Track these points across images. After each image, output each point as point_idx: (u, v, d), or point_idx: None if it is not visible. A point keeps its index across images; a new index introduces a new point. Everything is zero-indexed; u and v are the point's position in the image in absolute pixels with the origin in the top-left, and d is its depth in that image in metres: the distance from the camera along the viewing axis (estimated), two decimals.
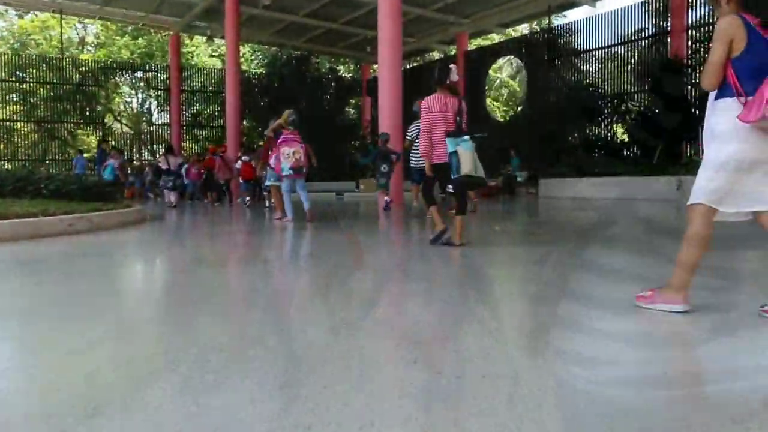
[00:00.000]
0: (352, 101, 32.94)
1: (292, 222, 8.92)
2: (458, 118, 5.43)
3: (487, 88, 27.93)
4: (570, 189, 16.70)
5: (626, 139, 17.82)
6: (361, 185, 21.52)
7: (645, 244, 6.30)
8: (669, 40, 18.20)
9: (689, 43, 17.70)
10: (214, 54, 36.05)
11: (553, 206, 14.06)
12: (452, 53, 28.97)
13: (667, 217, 10.29)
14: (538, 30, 25.83)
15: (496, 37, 28.99)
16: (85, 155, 21.72)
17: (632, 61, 19.76)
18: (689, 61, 17.06)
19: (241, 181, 15.10)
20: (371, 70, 33.25)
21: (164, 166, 15.27)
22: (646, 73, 18.36)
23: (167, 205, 15.05)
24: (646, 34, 19.33)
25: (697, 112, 15.88)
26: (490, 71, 29.21)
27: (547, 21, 23.46)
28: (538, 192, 18.74)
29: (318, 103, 31.00)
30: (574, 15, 30.65)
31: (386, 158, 11.30)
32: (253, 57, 34.55)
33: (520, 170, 19.72)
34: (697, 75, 16.68)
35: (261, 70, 32.39)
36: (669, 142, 16.41)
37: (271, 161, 9.35)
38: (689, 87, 16.48)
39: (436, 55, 31.94)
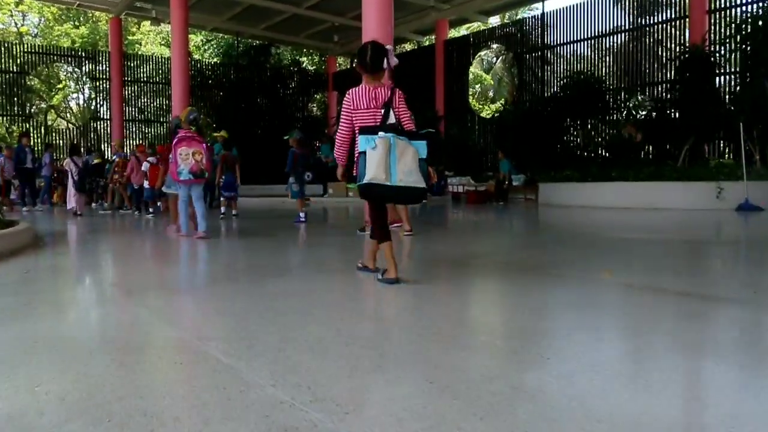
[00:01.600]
0: (317, 96, 30.13)
1: (187, 237, 7.56)
2: (385, 110, 4.04)
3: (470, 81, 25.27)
4: (577, 195, 14.22)
5: (638, 138, 15.43)
6: (330, 189, 18.70)
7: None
8: (688, 24, 15.90)
9: (712, 28, 15.43)
10: (164, 44, 32.73)
11: (558, 216, 11.59)
12: (426, 43, 26.41)
13: (747, 237, 7.80)
14: (529, 16, 23.33)
15: (477, 26, 26.51)
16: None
17: (644, 48, 17.37)
18: (713, 48, 14.75)
19: (146, 186, 12.35)
20: (338, 63, 30.47)
21: (72, 169, 13.40)
22: (660, 62, 16.04)
23: (72, 212, 13.19)
24: (663, 18, 16.99)
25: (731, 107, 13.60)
26: (474, 62, 26.57)
27: (541, 4, 20.94)
28: (538, 198, 16.26)
29: (278, 97, 28.26)
30: None
31: (306, 164, 9.77)
32: (206, 46, 31.34)
33: (515, 173, 17.16)
34: (725, 63, 14.42)
35: (216, 59, 29.27)
36: (694, 141, 14.10)
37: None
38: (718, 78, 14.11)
39: (408, 47, 29.29)
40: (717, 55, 14.31)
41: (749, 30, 12.75)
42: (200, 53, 30.58)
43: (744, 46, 12.94)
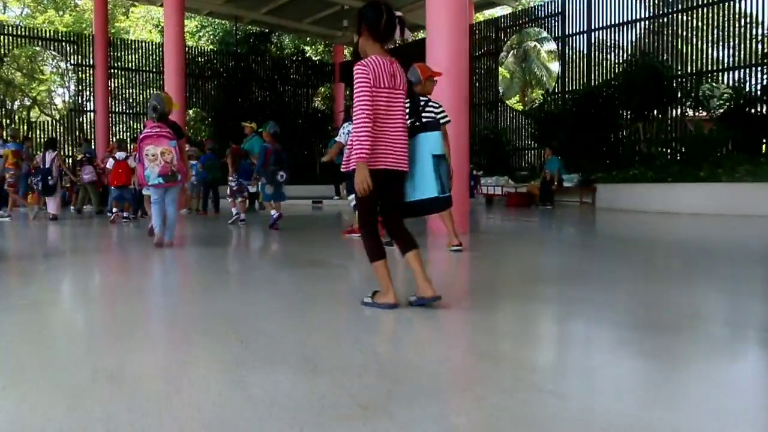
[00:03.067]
0: (322, 89, 27.69)
1: (161, 241, 6.51)
2: (411, 98, 3.78)
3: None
4: (648, 199, 11.90)
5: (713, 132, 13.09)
6: (343, 191, 16.29)
7: None
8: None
9: None
10: (155, 30, 30.17)
11: (634, 225, 9.27)
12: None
13: None
14: None
15: (499, 11, 24.14)
16: None
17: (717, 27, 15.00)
18: None
19: (112, 187, 10.79)
20: (345, 53, 28.04)
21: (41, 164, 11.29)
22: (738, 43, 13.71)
23: (49, 216, 11.25)
24: None
25: None
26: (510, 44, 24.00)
27: None
28: (595, 202, 13.91)
29: (279, 89, 25.86)
30: None
31: (280, 162, 8.38)
32: (201, 32, 28.78)
33: (567, 172, 14.78)
34: None
35: (212, 47, 26.75)
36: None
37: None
38: None
39: (422, 34, 26.88)
40: None
41: None
42: (194, 40, 28.02)
43: None
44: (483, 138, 18.78)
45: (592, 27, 17.40)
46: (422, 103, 5.62)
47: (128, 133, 22.61)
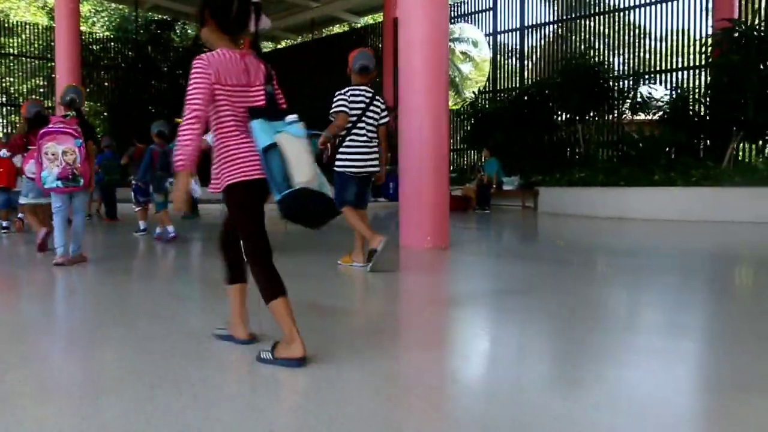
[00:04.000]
0: None
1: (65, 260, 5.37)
2: (269, 91, 2.67)
3: None
4: (597, 203, 11.26)
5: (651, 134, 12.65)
6: None
7: None
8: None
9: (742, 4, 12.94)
10: (42, 13, 27.15)
11: (584, 232, 8.59)
12: (365, 24, 22.86)
13: None
14: None
15: None
16: None
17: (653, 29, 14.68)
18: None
19: None
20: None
21: None
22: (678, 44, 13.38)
23: None
24: None
25: None
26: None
27: None
28: (537, 206, 13.17)
29: (182, 82, 23.74)
30: None
31: (167, 165, 7.07)
32: (96, 17, 26.13)
33: (506, 175, 13.97)
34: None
35: (107, 33, 24.25)
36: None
37: (27, 166, 6.69)
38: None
39: (337, 29, 25.61)
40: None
41: None
42: (88, 25, 25.36)
43: None
44: None
45: (526, 24, 16.78)
46: (368, 98, 4.95)
47: (8, 128, 19.93)
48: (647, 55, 15.04)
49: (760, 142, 12.11)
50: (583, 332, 3.00)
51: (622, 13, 15.47)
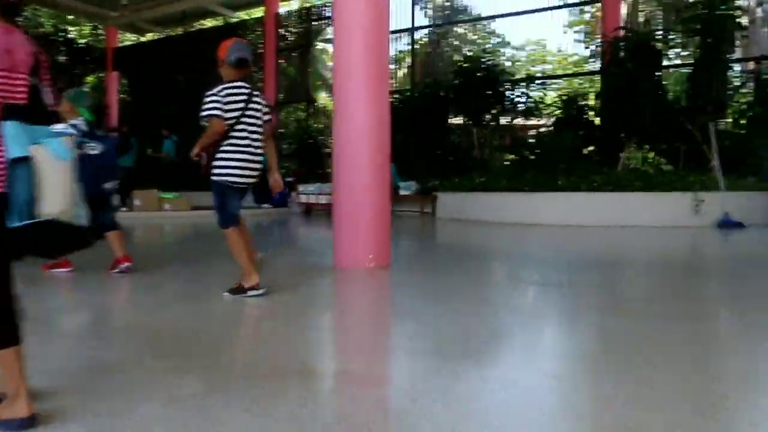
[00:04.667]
0: (91, 78, 23.45)
1: None
2: (34, 80, 2.11)
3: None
4: (501, 209, 11.04)
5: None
6: (137, 200, 13.12)
7: None
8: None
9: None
10: None
11: (487, 239, 8.23)
12: (243, 19, 21.54)
13: None
14: None
15: None
16: None
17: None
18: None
19: None
20: (119, 37, 24.05)
21: None
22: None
23: None
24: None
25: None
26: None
27: None
28: (436, 212, 12.74)
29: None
30: None
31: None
32: None
33: (402, 179, 13.42)
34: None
35: None
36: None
37: None
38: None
39: (209, 23, 24.01)
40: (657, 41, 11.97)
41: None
42: None
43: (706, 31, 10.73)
44: (298, 140, 16.85)
45: (415, 25, 16.43)
46: (246, 94, 4.12)
47: None
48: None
49: (648, 148, 12.44)
50: None
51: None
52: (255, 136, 4.11)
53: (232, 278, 4.26)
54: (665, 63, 12.17)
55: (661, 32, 12.22)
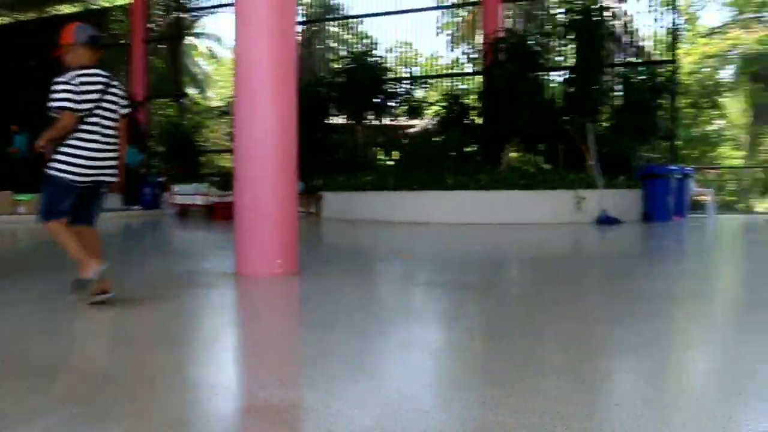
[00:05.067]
0: None
1: None
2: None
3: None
4: (387, 208, 10.91)
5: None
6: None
7: None
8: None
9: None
10: None
11: (381, 238, 8.13)
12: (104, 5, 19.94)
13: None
14: None
15: None
16: None
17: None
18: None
19: None
20: None
21: None
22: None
23: None
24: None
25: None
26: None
27: None
28: (321, 212, 12.37)
29: None
30: None
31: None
32: None
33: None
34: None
35: None
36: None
37: None
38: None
39: (66, 8, 22.02)
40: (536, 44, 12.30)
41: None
42: None
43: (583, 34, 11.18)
44: (169, 137, 15.77)
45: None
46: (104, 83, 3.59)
47: None
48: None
49: (528, 148, 12.79)
50: None
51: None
52: (108, 131, 3.57)
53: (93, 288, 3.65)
54: (546, 66, 12.56)
55: (539, 35, 12.58)
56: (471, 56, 17.82)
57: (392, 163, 13.35)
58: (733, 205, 20.49)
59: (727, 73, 27.81)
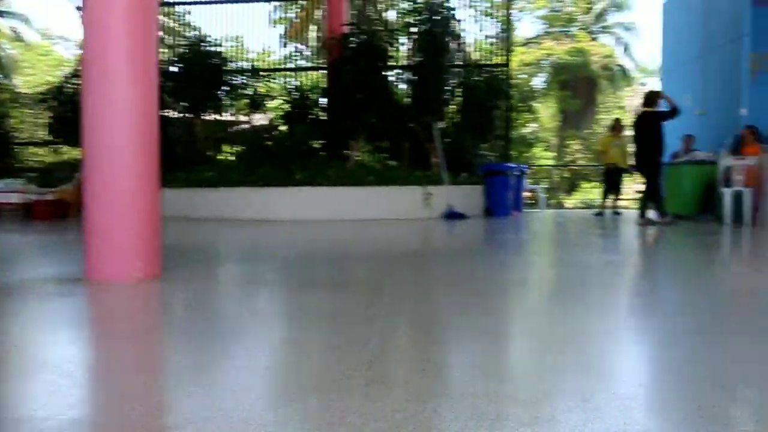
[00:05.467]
0: None
1: None
2: None
3: None
4: (227, 204, 10.42)
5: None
6: None
7: None
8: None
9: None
10: None
11: (238, 241, 7.88)
12: None
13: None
14: None
15: None
16: None
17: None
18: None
19: None
20: None
21: None
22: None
23: None
24: None
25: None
26: None
27: None
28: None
29: None
30: None
31: None
32: None
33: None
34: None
35: None
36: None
37: None
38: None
39: None
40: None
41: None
42: None
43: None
44: None
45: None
46: None
47: None
48: None
49: (374, 145, 12.82)
50: None
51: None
52: None
53: None
54: (394, 64, 12.67)
55: (386, 32, 12.67)
56: (304, 53, 17.68)
57: (234, 158, 12.74)
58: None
59: (539, 81, 30.28)
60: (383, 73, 11.87)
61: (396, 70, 12.77)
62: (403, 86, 12.75)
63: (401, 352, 2.73)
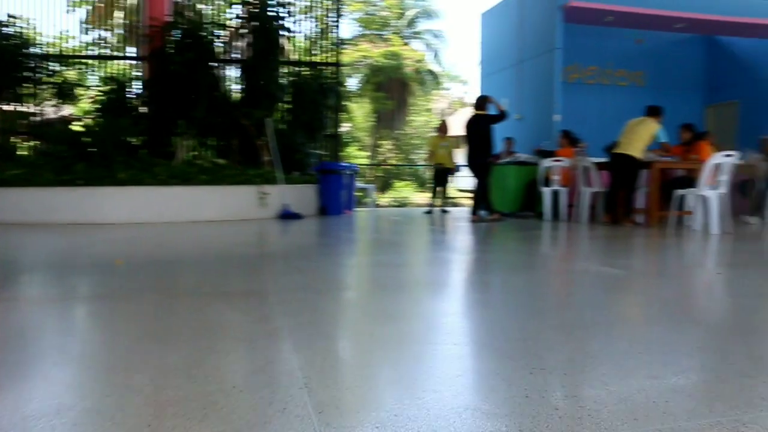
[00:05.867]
0: None
1: None
2: None
3: None
4: (38, 207, 9.27)
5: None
6: None
7: None
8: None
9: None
10: None
11: (71, 248, 7.28)
12: None
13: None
14: None
15: None
16: None
17: None
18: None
19: None
20: None
21: None
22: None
23: None
24: None
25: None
26: None
27: None
28: None
29: None
30: None
31: None
32: None
33: None
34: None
35: None
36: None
37: None
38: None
39: None
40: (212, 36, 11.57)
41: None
42: None
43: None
44: None
45: None
46: None
47: None
48: None
49: (200, 142, 12.09)
50: None
51: None
52: None
53: None
54: (221, 57, 12.06)
55: (213, 24, 12.01)
56: (108, 40, 16.32)
57: (41, 155, 11.29)
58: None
59: (354, 81, 30.86)
60: (211, 64, 11.24)
61: (226, 65, 12.19)
62: (232, 81, 12.22)
63: None
